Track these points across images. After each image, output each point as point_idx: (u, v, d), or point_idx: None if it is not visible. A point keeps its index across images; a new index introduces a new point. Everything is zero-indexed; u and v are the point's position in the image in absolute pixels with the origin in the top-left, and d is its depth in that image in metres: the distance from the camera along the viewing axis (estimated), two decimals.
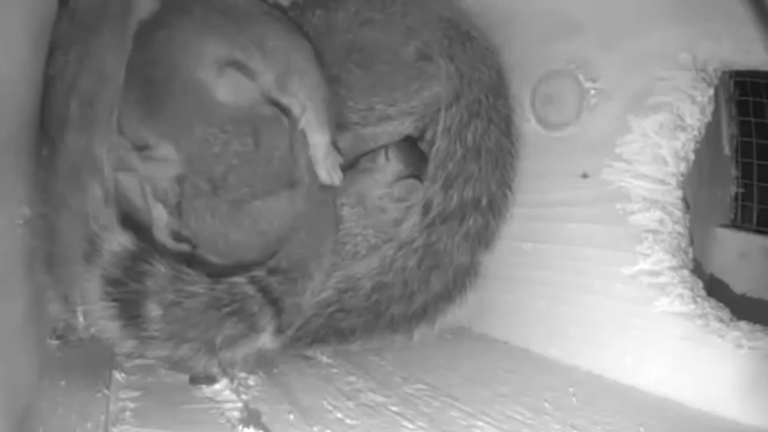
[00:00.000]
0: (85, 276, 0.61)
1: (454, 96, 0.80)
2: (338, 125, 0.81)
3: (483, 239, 0.80)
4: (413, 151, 0.87)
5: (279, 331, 0.68)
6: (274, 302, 0.67)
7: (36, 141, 0.64)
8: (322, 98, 0.73)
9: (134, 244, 0.63)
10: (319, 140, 0.74)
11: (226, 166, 0.68)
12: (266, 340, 0.68)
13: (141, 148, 0.69)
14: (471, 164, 0.79)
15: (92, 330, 0.72)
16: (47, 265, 0.66)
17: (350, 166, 0.84)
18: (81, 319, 0.70)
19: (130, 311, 0.61)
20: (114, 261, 0.62)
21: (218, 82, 0.67)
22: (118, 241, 0.62)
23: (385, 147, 0.85)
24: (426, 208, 0.79)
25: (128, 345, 0.63)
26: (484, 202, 0.79)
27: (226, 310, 0.64)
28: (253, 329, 0.66)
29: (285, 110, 0.72)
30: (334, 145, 0.77)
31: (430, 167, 0.80)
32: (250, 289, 0.66)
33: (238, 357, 0.68)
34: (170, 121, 0.67)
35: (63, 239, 0.65)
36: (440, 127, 0.80)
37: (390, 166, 0.84)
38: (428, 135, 0.90)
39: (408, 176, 0.83)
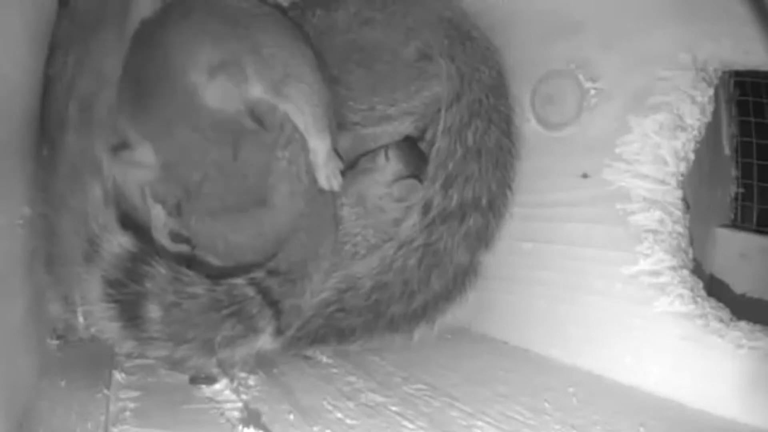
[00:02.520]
0: (85, 276, 0.61)
1: (454, 96, 0.80)
2: (338, 125, 0.81)
3: (483, 239, 0.80)
4: (413, 151, 0.87)
5: (278, 332, 0.68)
6: (273, 304, 0.67)
7: (36, 141, 0.64)
8: (321, 104, 0.73)
9: (134, 245, 0.63)
10: (318, 145, 0.73)
11: (203, 175, 0.67)
12: (265, 341, 0.68)
13: (116, 148, 0.67)
14: (471, 164, 0.79)
15: (92, 330, 0.72)
16: (47, 265, 0.66)
17: (350, 167, 0.84)
18: (81, 319, 0.71)
19: (129, 312, 0.62)
20: (114, 262, 0.62)
21: (209, 86, 0.66)
22: (118, 241, 0.62)
23: (385, 147, 0.85)
24: (426, 207, 0.79)
25: (128, 345, 0.63)
26: (484, 201, 0.79)
27: (226, 311, 0.64)
28: (252, 330, 0.66)
29: (267, 128, 0.71)
30: (335, 150, 0.76)
31: (430, 167, 0.80)
32: (250, 291, 0.66)
33: (237, 358, 0.68)
34: (155, 122, 0.66)
35: (63, 239, 0.65)
36: (440, 127, 0.80)
37: (390, 166, 0.84)
38: (428, 135, 0.90)
39: (408, 176, 0.83)
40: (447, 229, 0.78)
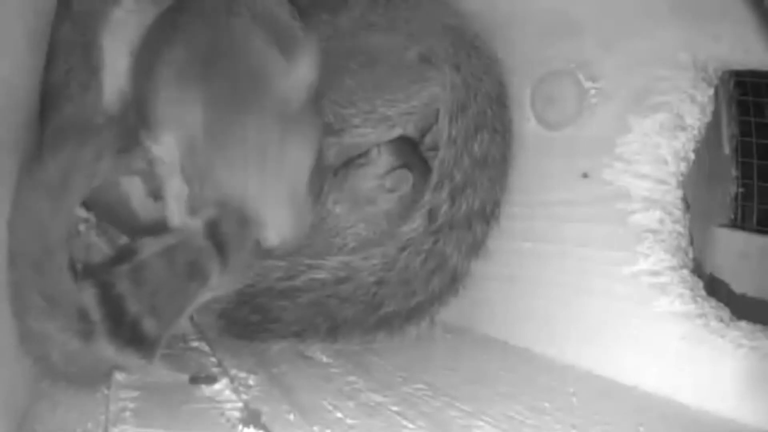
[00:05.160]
0: None
1: (460, 107, 0.81)
2: (339, 128, 0.82)
3: (484, 244, 0.81)
4: (404, 143, 0.87)
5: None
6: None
7: (36, 142, 0.64)
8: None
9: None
10: None
11: None
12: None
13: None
14: (477, 174, 0.79)
15: None
16: None
17: (344, 165, 0.85)
18: None
19: None
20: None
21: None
22: None
23: (378, 144, 0.85)
24: (432, 215, 0.79)
25: None
26: (488, 209, 0.80)
27: None
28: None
29: None
30: None
31: (434, 175, 0.80)
32: None
33: None
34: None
35: None
36: (445, 137, 0.81)
37: (382, 158, 0.85)
38: (427, 139, 0.90)
39: (399, 167, 0.83)
40: (452, 236, 0.79)
